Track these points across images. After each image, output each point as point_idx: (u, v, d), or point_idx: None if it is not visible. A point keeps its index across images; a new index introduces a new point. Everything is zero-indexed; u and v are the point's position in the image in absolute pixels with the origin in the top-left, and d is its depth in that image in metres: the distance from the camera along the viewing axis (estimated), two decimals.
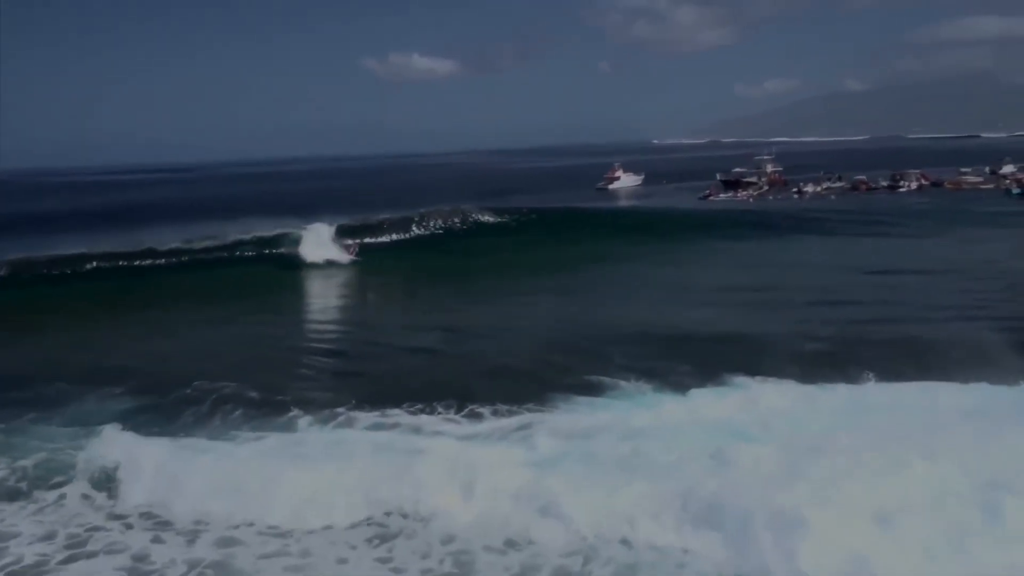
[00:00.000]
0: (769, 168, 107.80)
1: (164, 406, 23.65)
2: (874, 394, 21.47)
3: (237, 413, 22.80)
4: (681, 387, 22.83)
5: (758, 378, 23.14)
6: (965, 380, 21.59)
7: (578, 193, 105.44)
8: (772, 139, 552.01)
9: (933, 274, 39.94)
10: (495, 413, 21.95)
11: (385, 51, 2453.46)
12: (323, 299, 42.59)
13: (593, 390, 23.11)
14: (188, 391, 24.56)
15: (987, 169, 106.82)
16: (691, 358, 26.00)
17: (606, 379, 23.87)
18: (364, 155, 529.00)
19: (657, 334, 29.81)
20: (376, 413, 22.13)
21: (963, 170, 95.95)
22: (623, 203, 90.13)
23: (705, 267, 44.44)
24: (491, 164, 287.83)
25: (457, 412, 22.30)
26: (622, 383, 23.49)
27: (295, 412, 22.38)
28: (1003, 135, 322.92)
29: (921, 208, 67.54)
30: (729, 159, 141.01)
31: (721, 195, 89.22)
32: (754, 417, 19.93)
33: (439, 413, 22.26)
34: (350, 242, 49.62)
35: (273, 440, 20.42)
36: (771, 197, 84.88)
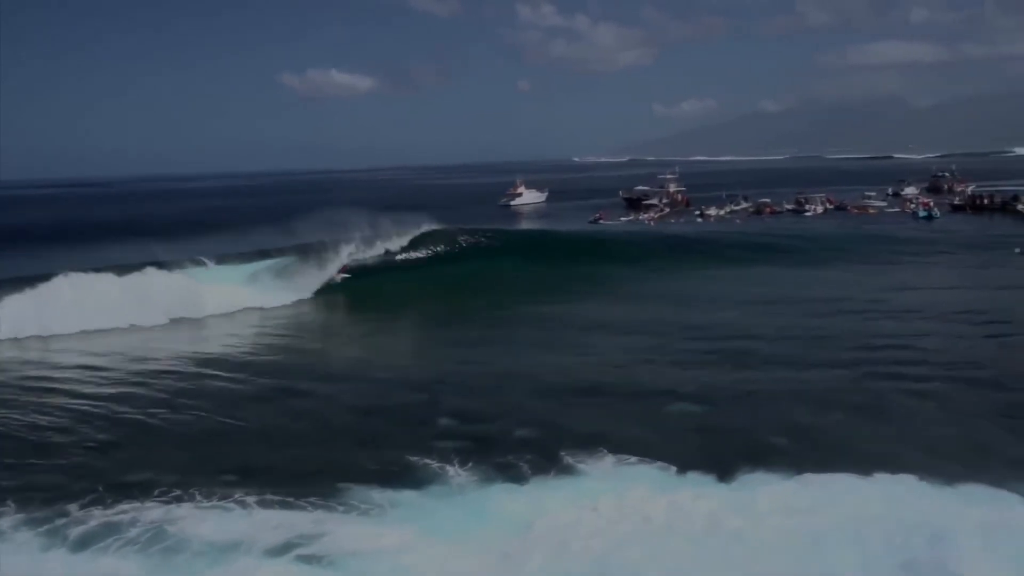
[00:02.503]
0: (672, 187, 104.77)
1: None
2: (768, 493, 16.49)
3: None
4: (518, 476, 18.21)
5: (621, 458, 18.82)
6: (880, 469, 17.30)
7: (480, 210, 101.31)
8: (692, 158, 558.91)
9: (834, 307, 36.36)
10: (263, 503, 17.26)
11: (303, 67, 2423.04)
12: (140, 350, 33.95)
13: (403, 479, 18.36)
14: None
15: (889, 191, 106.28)
16: (541, 425, 21.73)
17: (429, 462, 19.18)
18: (281, 171, 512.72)
19: (506, 390, 25.41)
20: (117, 509, 17.22)
21: (867, 193, 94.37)
22: (514, 225, 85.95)
23: (580, 301, 40.08)
24: (407, 180, 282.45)
25: (221, 499, 17.57)
26: (448, 469, 18.78)
27: None
28: (914, 156, 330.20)
29: (827, 233, 64.50)
30: (644, 178, 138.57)
31: (622, 217, 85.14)
32: (605, 545, 14.73)
33: (197, 501, 17.54)
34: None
35: None
36: (672, 220, 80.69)
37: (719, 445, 19.91)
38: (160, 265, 42.21)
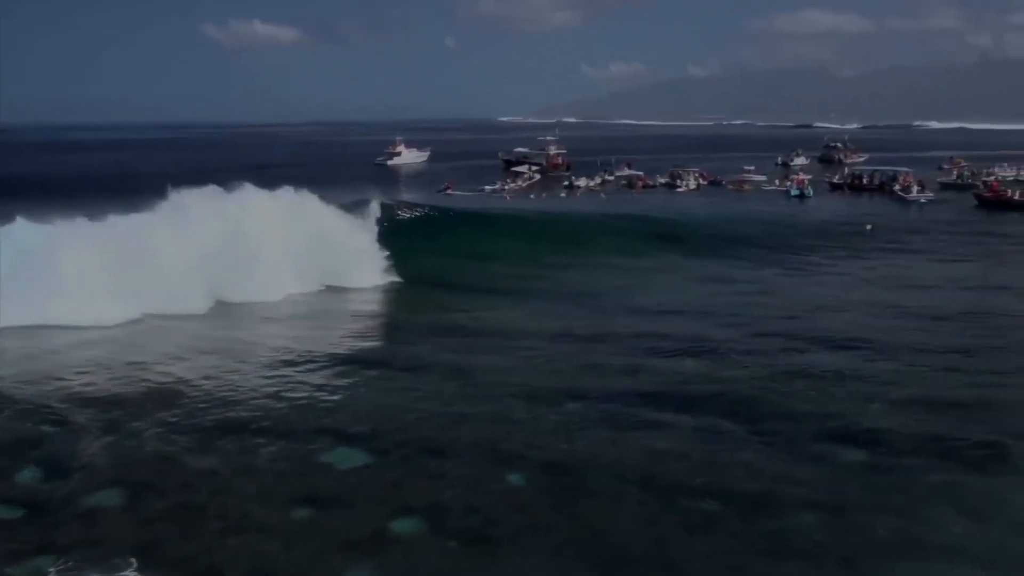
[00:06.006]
0: (552, 150, 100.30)
1: None
2: None
3: None
4: None
5: None
6: None
7: (350, 170, 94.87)
8: (618, 121, 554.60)
9: (608, 311, 31.35)
10: None
11: (225, 17, 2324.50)
12: None
13: None
14: None
15: (779, 160, 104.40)
16: (125, 490, 16.19)
17: None
18: (210, 124, 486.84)
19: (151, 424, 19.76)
20: None
21: (746, 168, 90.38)
22: (354, 189, 79.81)
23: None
24: (312, 137, 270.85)
25: None
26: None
27: None
28: (835, 126, 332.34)
29: (684, 213, 59.85)
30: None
31: (486, 187, 79.35)
32: None
33: None
34: None
35: None
36: (532, 196, 74.24)
37: (331, 535, 14.61)
38: None
